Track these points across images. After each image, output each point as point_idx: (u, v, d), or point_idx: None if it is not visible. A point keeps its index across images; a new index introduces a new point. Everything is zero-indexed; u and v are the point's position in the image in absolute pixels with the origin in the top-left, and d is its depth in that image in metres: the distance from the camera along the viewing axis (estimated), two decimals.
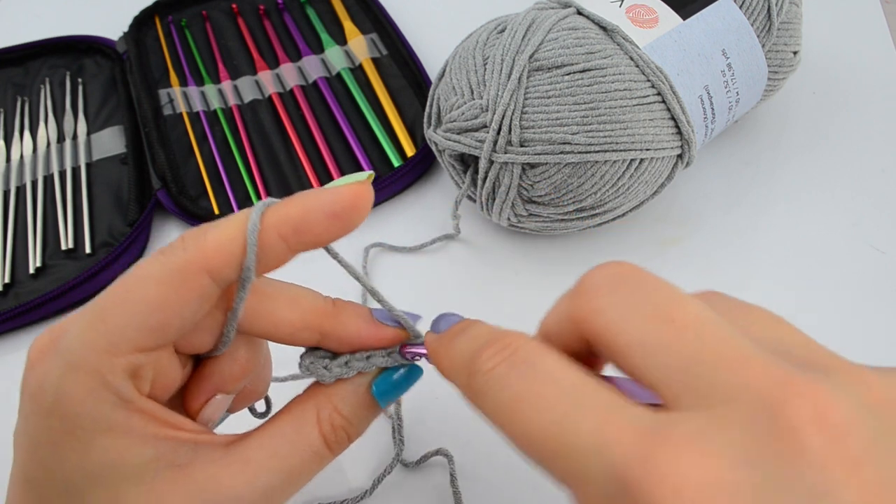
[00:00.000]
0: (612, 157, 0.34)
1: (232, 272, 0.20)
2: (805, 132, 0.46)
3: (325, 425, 0.22)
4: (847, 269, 0.39)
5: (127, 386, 0.20)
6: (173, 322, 0.20)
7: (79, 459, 0.20)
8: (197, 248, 0.20)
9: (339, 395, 0.23)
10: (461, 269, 0.40)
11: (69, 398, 0.19)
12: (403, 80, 0.48)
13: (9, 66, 0.52)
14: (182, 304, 0.20)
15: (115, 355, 0.19)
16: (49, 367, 0.20)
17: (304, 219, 0.20)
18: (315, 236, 0.20)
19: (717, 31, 0.37)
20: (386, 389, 0.24)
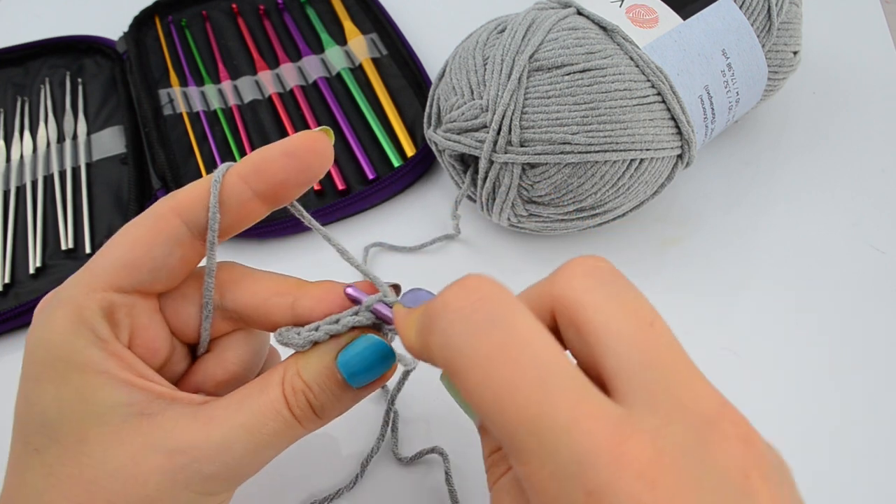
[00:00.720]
0: (612, 157, 0.34)
1: (200, 214, 0.22)
2: (805, 132, 0.46)
3: (287, 386, 0.22)
4: (847, 269, 0.39)
5: (102, 325, 0.21)
6: (145, 260, 0.22)
7: (54, 393, 0.21)
8: (169, 199, 0.22)
9: (304, 360, 0.23)
10: (461, 269, 0.40)
11: (52, 331, 0.21)
12: (403, 80, 0.48)
13: (9, 66, 0.52)
14: (153, 242, 0.22)
15: (93, 290, 0.21)
16: (43, 309, 0.22)
17: (262, 158, 0.22)
18: (273, 175, 0.22)
19: (717, 31, 0.37)
20: (352, 362, 0.23)
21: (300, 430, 0.23)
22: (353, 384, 0.23)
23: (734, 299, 0.38)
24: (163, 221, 0.22)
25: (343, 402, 0.24)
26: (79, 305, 0.21)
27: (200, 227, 0.22)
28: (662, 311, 0.24)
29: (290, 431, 0.23)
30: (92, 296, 0.21)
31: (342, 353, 0.23)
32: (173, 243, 0.22)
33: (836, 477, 0.32)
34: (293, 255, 0.41)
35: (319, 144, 0.22)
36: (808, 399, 0.35)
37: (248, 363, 0.25)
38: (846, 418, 0.34)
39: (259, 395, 0.22)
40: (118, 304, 0.22)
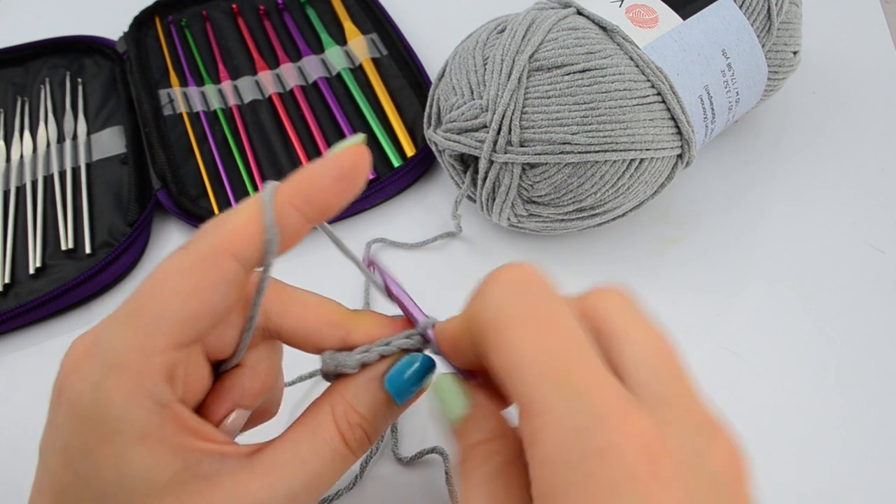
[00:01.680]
0: (612, 157, 0.34)
1: (255, 251, 0.21)
2: (805, 132, 0.46)
3: (342, 422, 0.22)
4: (847, 269, 0.39)
5: (164, 388, 0.20)
6: (206, 311, 0.20)
7: (114, 467, 0.19)
8: (218, 233, 0.20)
9: (352, 392, 0.23)
10: (461, 268, 0.40)
11: (107, 402, 0.19)
12: (403, 80, 0.48)
13: (9, 66, 0.52)
14: (212, 291, 0.20)
15: (153, 353, 0.19)
16: (87, 370, 0.20)
17: (314, 186, 0.21)
18: (325, 201, 0.21)
19: (717, 31, 0.37)
20: (398, 382, 0.23)
21: (354, 459, 0.23)
22: (399, 402, 0.24)
23: (734, 299, 0.38)
24: (220, 266, 0.20)
25: (390, 421, 0.24)
26: (138, 373, 0.19)
27: (252, 262, 0.21)
28: (662, 310, 0.24)
29: (346, 465, 0.23)
30: (152, 360, 0.19)
31: (391, 376, 0.23)
32: (231, 287, 0.20)
33: (837, 476, 0.32)
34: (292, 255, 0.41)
35: (363, 161, 0.22)
36: (808, 398, 0.35)
37: (278, 371, 0.25)
38: (846, 418, 0.34)
39: (313, 438, 0.22)
40: (179, 362, 0.20)
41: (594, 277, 0.39)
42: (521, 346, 0.18)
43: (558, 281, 0.21)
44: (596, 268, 0.40)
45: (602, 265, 0.40)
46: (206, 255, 0.20)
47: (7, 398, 0.37)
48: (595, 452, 0.16)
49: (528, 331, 0.18)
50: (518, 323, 0.19)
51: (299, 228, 0.21)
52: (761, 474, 0.32)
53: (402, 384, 0.23)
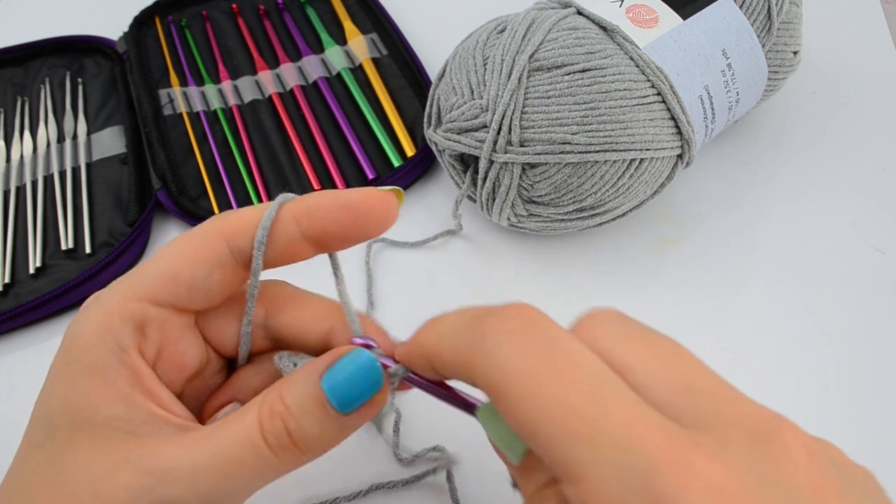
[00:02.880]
0: (612, 157, 0.34)
1: (246, 241, 0.22)
2: (805, 132, 0.46)
3: (265, 409, 0.21)
4: (847, 269, 0.39)
5: (128, 334, 0.21)
6: (184, 277, 0.22)
7: (63, 393, 0.21)
8: (218, 220, 0.22)
9: (287, 383, 0.21)
10: (461, 268, 0.40)
11: (80, 331, 0.21)
12: (403, 80, 0.48)
13: (9, 66, 0.52)
14: (195, 262, 0.22)
15: (129, 298, 0.21)
16: (84, 307, 0.22)
17: (318, 205, 0.22)
18: (325, 224, 0.22)
19: (717, 31, 0.37)
20: (338, 385, 0.21)
21: (276, 462, 0.21)
22: (340, 408, 0.21)
23: (734, 299, 0.38)
24: (208, 242, 0.22)
25: (327, 431, 0.21)
26: (110, 311, 0.21)
27: (244, 253, 0.22)
28: (662, 310, 0.24)
29: (265, 464, 0.20)
30: (126, 304, 0.21)
31: (328, 373, 0.21)
32: (215, 265, 0.22)
33: None
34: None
35: (381, 205, 0.22)
36: (808, 399, 0.35)
37: None
38: (846, 418, 0.34)
39: (235, 421, 0.21)
40: (151, 318, 0.22)
41: (594, 277, 0.39)
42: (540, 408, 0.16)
43: (558, 282, 0.21)
44: (596, 268, 0.40)
45: (602, 265, 0.40)
46: (202, 232, 0.22)
47: (7, 398, 0.37)
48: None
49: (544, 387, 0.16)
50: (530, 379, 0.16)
51: (294, 240, 0.22)
52: None
53: (340, 383, 0.21)
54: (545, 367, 0.17)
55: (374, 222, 0.22)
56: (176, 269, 0.22)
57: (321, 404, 0.21)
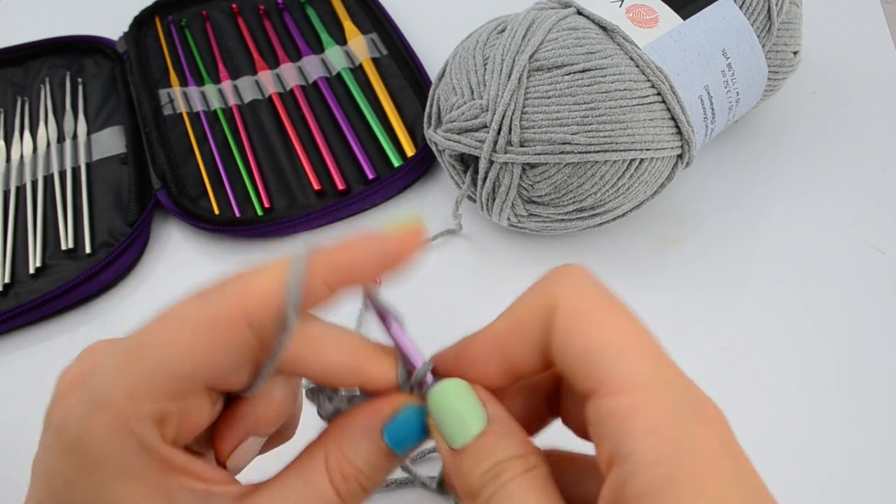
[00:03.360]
0: (612, 157, 0.34)
1: (271, 321, 0.19)
2: (805, 132, 0.46)
3: (336, 475, 0.21)
4: (847, 269, 0.39)
5: (151, 432, 0.19)
6: (205, 371, 0.19)
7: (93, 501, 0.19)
8: (237, 295, 0.19)
9: (348, 441, 0.21)
10: (461, 268, 0.40)
11: (91, 437, 0.19)
12: (403, 80, 0.48)
13: (9, 66, 0.52)
14: (217, 354, 0.19)
15: (143, 400, 0.19)
16: (75, 402, 0.19)
17: (352, 267, 0.20)
18: (359, 280, 0.20)
19: (717, 31, 0.37)
20: (399, 435, 0.21)
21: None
22: (399, 453, 0.22)
23: (734, 299, 0.38)
24: (230, 331, 0.19)
25: (389, 471, 0.22)
26: (123, 415, 0.19)
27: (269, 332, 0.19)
28: (662, 310, 0.24)
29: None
30: (140, 406, 0.19)
31: (391, 428, 0.21)
32: (240, 353, 0.19)
33: (837, 476, 0.32)
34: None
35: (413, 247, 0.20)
36: (808, 399, 0.35)
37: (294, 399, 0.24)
38: (846, 418, 0.34)
39: (305, 488, 0.20)
40: (171, 411, 0.19)
41: None
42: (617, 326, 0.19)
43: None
44: (596, 268, 0.39)
45: (602, 265, 0.40)
46: (218, 316, 0.19)
47: (7, 398, 0.37)
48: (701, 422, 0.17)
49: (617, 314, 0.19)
50: (606, 306, 0.19)
51: (321, 298, 0.20)
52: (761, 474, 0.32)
53: (403, 438, 0.21)
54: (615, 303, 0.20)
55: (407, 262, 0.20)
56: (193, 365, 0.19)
57: (389, 457, 0.21)
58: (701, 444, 0.17)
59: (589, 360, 0.18)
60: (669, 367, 0.19)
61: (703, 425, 0.17)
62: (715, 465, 0.17)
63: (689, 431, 0.17)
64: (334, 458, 0.21)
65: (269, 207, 0.43)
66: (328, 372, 0.22)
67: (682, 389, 0.18)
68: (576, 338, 0.19)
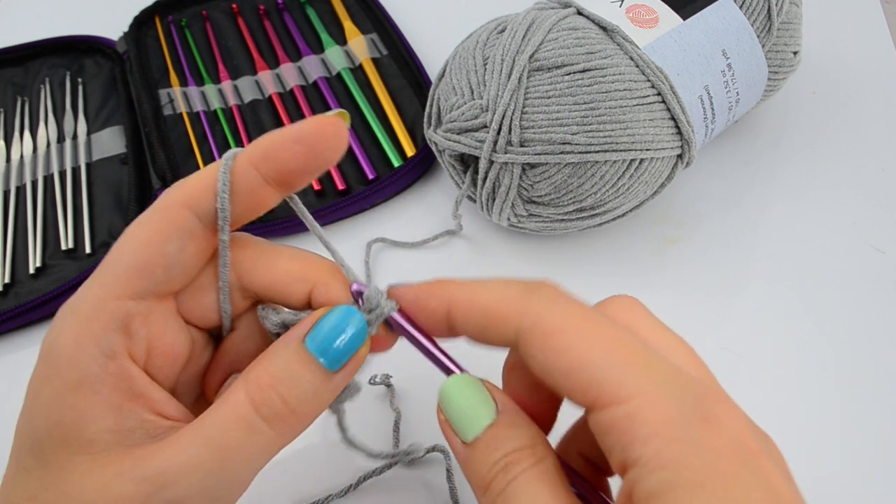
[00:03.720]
0: (612, 157, 0.34)
1: (210, 202, 0.21)
2: (805, 132, 0.46)
3: (252, 385, 0.20)
4: (847, 269, 0.39)
5: (113, 338, 0.20)
6: (157, 259, 0.20)
7: (47, 412, 0.20)
8: (176, 189, 0.21)
9: (269, 353, 0.21)
10: (462, 268, 0.40)
11: (58, 344, 0.20)
12: (403, 80, 0.48)
13: (9, 66, 0.52)
14: (165, 239, 0.20)
15: (106, 299, 0.20)
16: (57, 318, 0.21)
17: (272, 144, 0.21)
18: (283, 162, 0.21)
19: (717, 31, 0.37)
20: (321, 339, 0.21)
21: (271, 435, 0.20)
22: (329, 366, 0.20)
23: (734, 299, 0.38)
24: (171, 215, 0.20)
25: (320, 392, 0.21)
26: (87, 317, 0.20)
27: (211, 217, 0.21)
28: (662, 310, 0.24)
29: (263, 441, 0.20)
30: (103, 306, 0.20)
31: (312, 332, 0.21)
32: (185, 237, 0.21)
33: (837, 476, 0.32)
34: None
35: (331, 129, 0.21)
36: (808, 399, 0.35)
37: None
38: (846, 418, 0.34)
39: (221, 405, 0.20)
40: (134, 314, 0.20)
41: (594, 277, 0.39)
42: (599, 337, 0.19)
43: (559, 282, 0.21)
44: (596, 268, 0.40)
45: (602, 265, 0.40)
46: (162, 207, 0.21)
47: (7, 398, 0.37)
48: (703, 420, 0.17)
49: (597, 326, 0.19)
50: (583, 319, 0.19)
51: (256, 186, 0.21)
52: None
53: (324, 339, 0.20)
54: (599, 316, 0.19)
55: (329, 149, 0.21)
56: (146, 253, 0.20)
57: (310, 364, 0.20)
58: (704, 443, 0.17)
59: (579, 377, 0.18)
60: (663, 366, 0.18)
61: (706, 423, 0.17)
62: (721, 464, 0.16)
63: (691, 431, 0.17)
64: (253, 371, 0.21)
65: None
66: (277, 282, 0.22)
67: (679, 388, 0.18)
68: (559, 356, 0.19)
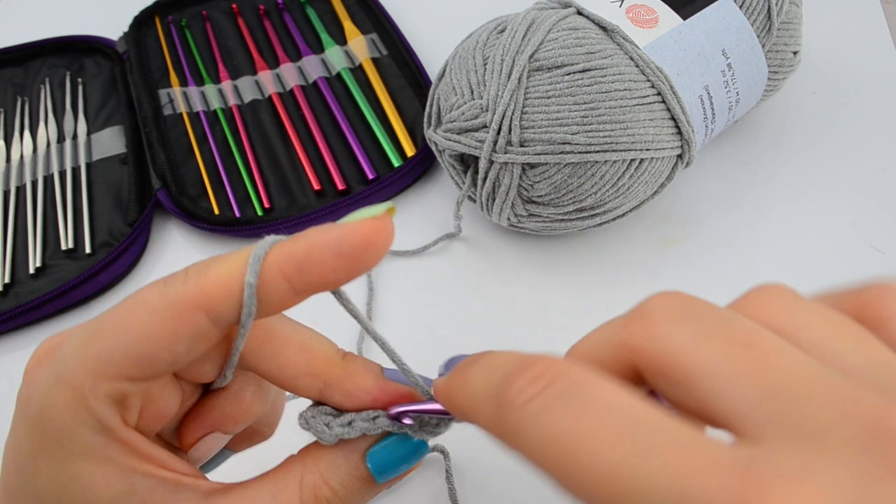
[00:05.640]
0: (612, 157, 0.34)
1: (231, 311, 0.19)
2: (805, 132, 0.46)
3: (307, 493, 0.20)
4: (847, 269, 0.39)
5: (110, 413, 0.19)
6: (163, 356, 0.19)
7: (52, 477, 0.19)
8: (196, 281, 0.19)
9: (327, 461, 0.21)
10: (462, 270, 0.40)
11: (52, 412, 0.19)
12: (403, 80, 0.48)
13: (9, 66, 0.52)
14: (173, 339, 0.19)
15: (102, 379, 0.19)
16: (41, 376, 0.19)
17: (309, 257, 0.18)
18: (321, 276, 0.18)
19: (717, 31, 0.37)
20: (383, 462, 0.21)
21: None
22: (380, 481, 0.21)
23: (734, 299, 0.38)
24: (186, 316, 0.19)
25: (367, 498, 0.21)
26: (82, 391, 0.19)
27: (227, 321, 0.19)
28: None
29: None
30: (99, 384, 0.19)
31: (374, 452, 0.21)
32: (196, 340, 0.19)
33: None
34: None
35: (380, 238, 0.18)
36: None
37: (266, 400, 0.23)
38: None
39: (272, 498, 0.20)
40: (130, 393, 0.19)
41: (594, 277, 0.39)
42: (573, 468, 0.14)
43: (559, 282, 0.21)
44: (596, 268, 0.40)
45: (602, 265, 0.40)
46: (175, 301, 0.19)
47: (7, 398, 0.37)
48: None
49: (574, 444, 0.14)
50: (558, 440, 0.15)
51: (285, 297, 0.19)
52: None
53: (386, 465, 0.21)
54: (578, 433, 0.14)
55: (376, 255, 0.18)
56: (151, 348, 0.19)
57: (365, 480, 0.21)
58: None
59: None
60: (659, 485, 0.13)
61: None
62: None
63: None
64: (310, 475, 0.20)
65: (268, 207, 0.43)
66: (284, 375, 0.21)
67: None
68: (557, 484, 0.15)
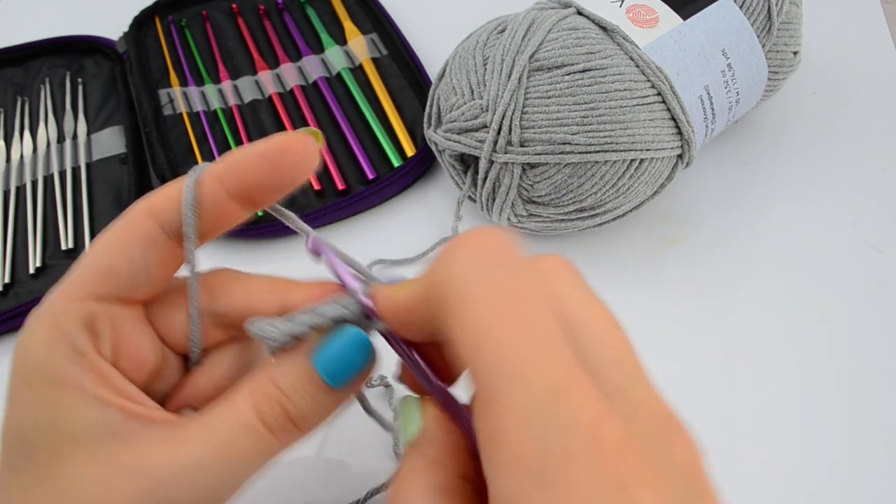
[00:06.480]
0: (612, 158, 0.34)
1: (174, 213, 0.21)
2: (805, 132, 0.46)
3: (258, 395, 0.21)
4: (847, 269, 0.39)
5: (82, 337, 0.20)
6: (121, 264, 0.21)
7: (30, 408, 0.20)
8: (142, 199, 0.22)
9: (275, 366, 0.21)
10: None
11: (32, 343, 0.20)
12: (403, 80, 0.48)
13: (9, 66, 0.52)
14: (128, 246, 0.21)
15: (72, 299, 0.21)
16: (27, 322, 0.21)
17: (236, 160, 0.21)
18: (246, 178, 0.21)
19: (717, 31, 0.37)
20: (328, 359, 0.21)
21: (276, 444, 0.21)
22: (333, 384, 0.21)
23: (734, 299, 0.38)
24: (136, 224, 0.21)
25: (324, 406, 0.22)
26: (56, 317, 0.20)
27: (176, 229, 0.21)
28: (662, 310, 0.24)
29: (265, 447, 0.21)
30: (70, 306, 0.21)
31: (319, 351, 0.21)
32: (148, 245, 0.21)
33: (837, 476, 0.32)
34: (287, 257, 0.41)
35: (298, 146, 0.21)
36: (807, 399, 0.35)
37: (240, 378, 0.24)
38: (846, 418, 0.34)
39: (227, 410, 0.21)
40: (98, 314, 0.21)
41: (594, 277, 0.39)
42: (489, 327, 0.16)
43: None
44: (596, 268, 0.40)
45: (602, 265, 0.40)
46: (128, 216, 0.22)
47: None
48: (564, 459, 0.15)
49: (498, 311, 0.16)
50: (487, 299, 0.16)
51: (221, 202, 0.21)
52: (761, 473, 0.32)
53: (332, 362, 0.21)
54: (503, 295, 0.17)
55: (295, 167, 0.21)
56: (110, 258, 0.21)
57: (315, 382, 0.21)
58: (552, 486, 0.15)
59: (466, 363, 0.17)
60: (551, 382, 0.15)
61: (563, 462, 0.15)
62: None
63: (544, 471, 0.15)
64: (259, 381, 0.21)
65: None
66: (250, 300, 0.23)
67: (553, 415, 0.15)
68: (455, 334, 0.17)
